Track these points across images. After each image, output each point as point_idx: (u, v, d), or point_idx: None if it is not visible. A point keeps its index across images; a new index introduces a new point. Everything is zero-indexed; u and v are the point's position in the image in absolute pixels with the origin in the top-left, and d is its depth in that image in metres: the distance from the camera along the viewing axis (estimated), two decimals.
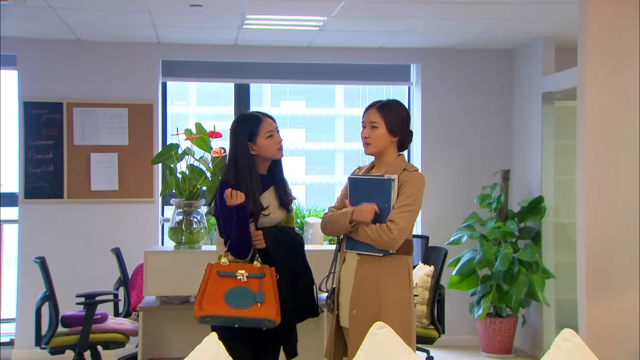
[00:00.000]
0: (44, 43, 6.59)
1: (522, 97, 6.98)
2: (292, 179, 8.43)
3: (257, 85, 7.56)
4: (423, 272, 5.21)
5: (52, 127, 6.58)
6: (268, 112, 3.73)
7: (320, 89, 7.89)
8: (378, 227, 3.28)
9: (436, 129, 7.07)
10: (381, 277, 3.32)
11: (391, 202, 3.30)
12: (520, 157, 6.98)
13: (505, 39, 6.71)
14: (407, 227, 3.30)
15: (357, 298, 3.35)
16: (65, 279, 6.24)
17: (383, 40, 6.70)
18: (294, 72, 7.13)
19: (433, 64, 7.07)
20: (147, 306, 4.55)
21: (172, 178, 4.57)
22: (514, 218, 6.54)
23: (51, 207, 6.59)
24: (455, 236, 6.57)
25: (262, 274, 3.39)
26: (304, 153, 8.62)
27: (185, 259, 4.52)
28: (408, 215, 3.29)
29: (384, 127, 3.39)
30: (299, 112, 8.53)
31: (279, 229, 3.54)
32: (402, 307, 3.32)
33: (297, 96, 8.48)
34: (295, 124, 8.55)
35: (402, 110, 3.45)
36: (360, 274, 3.36)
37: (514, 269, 6.29)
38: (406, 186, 3.32)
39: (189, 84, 7.76)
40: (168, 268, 4.51)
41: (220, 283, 3.38)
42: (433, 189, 6.97)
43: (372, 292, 3.32)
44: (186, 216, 4.57)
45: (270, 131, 3.54)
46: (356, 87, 7.60)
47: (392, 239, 3.26)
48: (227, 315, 3.34)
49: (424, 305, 5.15)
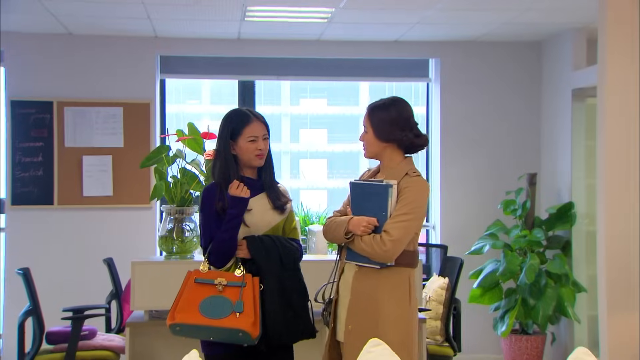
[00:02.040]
0: (32, 37, 6.58)
1: (550, 93, 6.90)
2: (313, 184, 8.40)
3: (275, 82, 7.52)
4: (437, 285, 5.15)
5: (41, 128, 6.57)
6: (287, 111, 3.66)
7: (343, 86, 7.81)
8: (372, 238, 3.27)
9: (456, 129, 7.01)
10: (378, 291, 3.30)
11: (388, 210, 3.28)
12: (548, 160, 6.90)
13: (532, 31, 6.63)
14: (402, 238, 3.26)
15: (353, 312, 3.34)
16: (54, 292, 6.23)
17: (398, 33, 6.63)
18: (303, 68, 7.08)
19: (453, 58, 7.01)
20: (134, 321, 4.50)
21: (161, 183, 4.51)
22: (541, 226, 6.47)
23: (40, 214, 6.58)
24: (477, 245, 6.51)
25: (242, 283, 3.33)
26: (326, 155, 8.54)
27: (176, 270, 4.39)
28: (404, 225, 3.25)
29: (371, 132, 3.41)
30: (320, 111, 8.44)
31: (271, 237, 3.47)
32: (401, 327, 3.28)
33: (319, 94, 8.40)
34: (317, 124, 8.47)
35: (392, 112, 3.39)
36: (356, 287, 3.35)
37: (541, 282, 6.22)
38: (405, 193, 3.29)
39: (202, 81, 7.72)
40: (157, 280, 4.46)
41: (197, 291, 3.35)
42: (452, 195, 6.94)
43: (369, 308, 3.30)
44: (177, 224, 4.53)
45: (254, 136, 3.49)
46: (382, 84, 7.54)
47: (384, 251, 3.24)
48: (199, 324, 3.30)
49: (437, 320, 5.10)
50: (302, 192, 7.94)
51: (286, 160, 7.93)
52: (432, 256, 7.07)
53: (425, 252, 7.19)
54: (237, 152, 3.50)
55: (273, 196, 3.54)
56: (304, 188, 7.93)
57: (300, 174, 7.98)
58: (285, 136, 7.94)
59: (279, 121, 7.91)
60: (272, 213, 3.53)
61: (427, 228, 7.17)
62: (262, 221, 3.50)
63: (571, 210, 6.38)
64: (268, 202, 3.53)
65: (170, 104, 7.28)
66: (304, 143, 7.93)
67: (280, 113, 7.93)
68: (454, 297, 5.15)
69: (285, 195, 3.62)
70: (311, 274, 4.25)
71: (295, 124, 8.10)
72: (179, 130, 4.62)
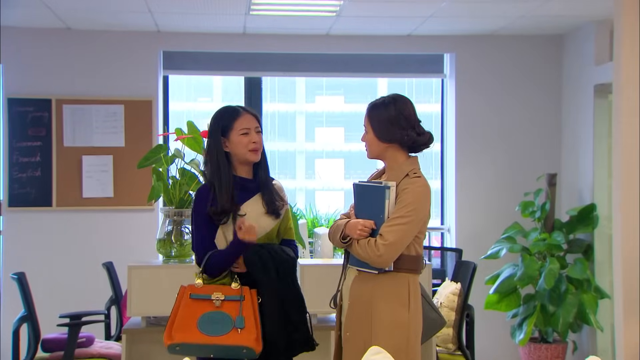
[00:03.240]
0: (29, 32, 6.59)
1: (571, 90, 6.85)
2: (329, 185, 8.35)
3: (289, 79, 7.49)
4: (449, 290, 5.11)
5: (39, 127, 6.57)
6: (302, 109, 3.65)
7: (361, 82, 7.78)
8: (366, 243, 3.26)
9: (472, 127, 6.98)
10: (374, 297, 3.29)
11: (385, 213, 3.26)
12: (568, 159, 6.86)
13: (552, 24, 6.58)
14: (397, 242, 3.23)
15: (351, 319, 3.35)
16: (52, 297, 6.24)
17: (411, 27, 6.60)
18: (312, 63, 7.06)
19: (469, 53, 6.99)
20: (131, 328, 4.47)
21: (159, 184, 4.50)
22: (561, 229, 6.44)
23: (38, 216, 6.58)
24: (493, 249, 6.48)
25: (240, 297, 3.30)
26: (343, 155, 8.51)
27: (175, 274, 4.42)
28: (400, 229, 3.23)
29: (371, 132, 3.41)
30: (337, 108, 8.41)
31: (267, 248, 3.43)
32: (397, 332, 3.26)
33: (335, 91, 8.37)
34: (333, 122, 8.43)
35: (392, 110, 3.37)
36: (354, 292, 3.35)
37: (561, 288, 6.19)
38: (403, 195, 3.28)
39: (213, 78, 7.70)
40: (155, 285, 4.42)
41: (193, 307, 3.32)
42: (468, 196, 6.92)
43: (365, 313, 3.30)
44: (176, 226, 4.51)
45: (246, 128, 3.47)
46: (401, 80, 7.53)
47: (378, 256, 3.22)
48: (200, 343, 3.27)
49: (449, 328, 5.05)
50: (318, 193, 7.90)
51: (301, 160, 7.89)
52: (447, 260, 7.03)
53: (440, 257, 7.16)
54: (230, 148, 3.47)
55: (267, 199, 3.51)
56: (320, 189, 7.90)
57: (315, 174, 7.93)
58: (300, 135, 7.90)
59: (294, 119, 7.88)
60: (266, 218, 3.50)
61: (442, 231, 7.15)
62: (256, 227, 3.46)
63: (593, 213, 6.32)
64: (262, 205, 3.50)
65: (180, 101, 7.27)
66: (319, 142, 7.90)
67: (294, 111, 7.91)
68: (466, 304, 5.11)
69: (280, 194, 3.58)
70: (316, 279, 4.26)
71: (311, 122, 8.05)
72: (178, 129, 4.60)
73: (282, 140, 8.30)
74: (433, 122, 7.21)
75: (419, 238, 3.35)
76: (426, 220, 3.37)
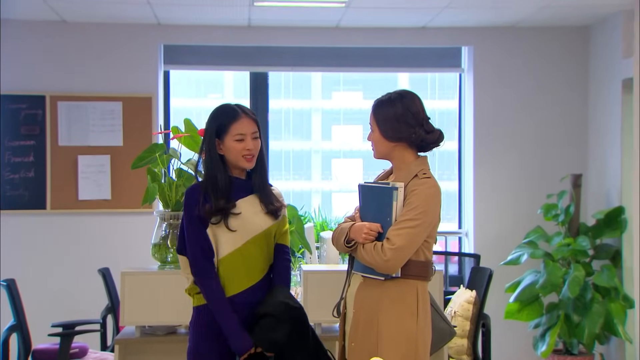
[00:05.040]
0: (21, 25, 6.60)
1: (598, 84, 6.83)
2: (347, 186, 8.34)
3: (304, 74, 7.52)
4: (463, 299, 5.09)
5: (32, 125, 6.59)
6: (317, 105, 3.63)
7: (380, 77, 7.77)
8: (372, 247, 3.25)
9: (492, 125, 6.99)
10: (381, 305, 3.28)
11: (393, 215, 3.25)
12: (595, 159, 6.84)
13: (577, 14, 6.57)
14: (406, 247, 3.21)
15: (356, 328, 3.34)
16: (45, 305, 6.27)
17: (425, 19, 6.59)
18: (321, 57, 7.08)
19: (488, 46, 6.99)
20: (124, 338, 4.43)
21: (154, 185, 4.47)
22: (587, 233, 6.42)
23: (31, 219, 6.60)
24: (514, 255, 6.46)
25: None
26: (361, 155, 8.47)
27: (170, 281, 4.39)
28: (408, 232, 3.21)
29: (377, 131, 3.39)
30: (355, 105, 8.37)
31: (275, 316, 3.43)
32: (404, 343, 3.24)
33: (353, 86, 8.34)
34: (350, 120, 8.40)
35: (398, 107, 3.36)
36: (359, 300, 3.35)
37: (587, 296, 6.17)
38: (411, 197, 3.26)
39: (224, 73, 7.72)
40: (150, 292, 4.39)
41: None
42: (487, 198, 6.91)
43: (371, 322, 3.29)
44: (172, 230, 4.47)
45: (242, 134, 3.45)
46: (424, 76, 7.54)
47: (385, 261, 3.20)
48: None
49: (464, 338, 5.05)
50: (334, 195, 7.90)
51: (317, 160, 7.89)
52: (464, 266, 6.99)
53: (457, 263, 7.12)
54: (223, 152, 3.48)
55: (265, 200, 3.51)
56: (336, 191, 7.90)
57: (332, 175, 7.93)
58: (316, 133, 7.89)
59: (309, 117, 7.87)
60: (264, 216, 3.50)
61: (460, 235, 7.13)
62: (252, 224, 3.46)
63: (621, 216, 6.30)
64: (260, 204, 3.50)
65: (189, 98, 7.26)
66: (336, 141, 7.89)
67: (310, 108, 7.89)
68: (482, 313, 5.10)
69: (279, 199, 3.58)
70: (320, 286, 4.22)
71: (327, 119, 8.05)
72: (174, 127, 4.58)
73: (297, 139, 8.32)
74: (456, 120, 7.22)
75: (428, 243, 3.33)
76: (436, 223, 3.35)
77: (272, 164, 7.29)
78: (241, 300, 3.42)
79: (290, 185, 7.57)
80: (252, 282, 3.46)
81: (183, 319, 4.39)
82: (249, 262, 3.45)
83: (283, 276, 3.56)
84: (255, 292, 3.46)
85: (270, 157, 7.18)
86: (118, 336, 4.51)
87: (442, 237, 7.10)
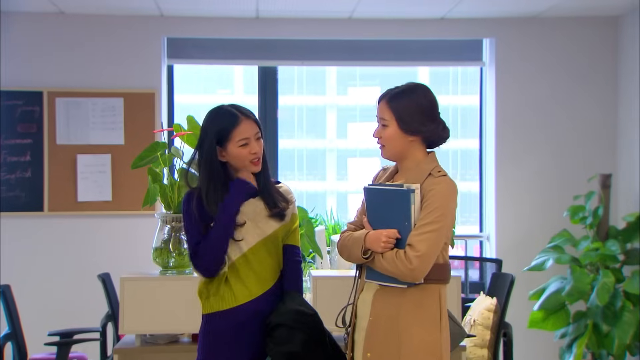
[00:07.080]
0: (19, 17, 6.63)
1: (628, 79, 6.82)
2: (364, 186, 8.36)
3: (318, 68, 7.54)
4: (483, 306, 5.08)
5: (29, 122, 6.63)
6: (332, 102, 3.62)
7: (399, 72, 7.79)
8: (394, 256, 3.19)
9: (515, 122, 6.99)
10: (401, 312, 3.23)
11: (412, 220, 3.20)
12: (625, 158, 6.84)
13: (606, 4, 6.58)
14: (431, 252, 3.18)
15: (373, 337, 3.28)
16: (42, 313, 6.30)
17: (444, 9, 6.60)
18: (333, 51, 7.10)
19: (511, 38, 7.01)
20: (124, 347, 4.44)
21: (155, 186, 4.47)
22: (616, 237, 6.41)
23: (28, 221, 6.63)
24: (538, 260, 6.45)
25: None
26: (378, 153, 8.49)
27: (172, 287, 4.43)
28: (431, 236, 3.17)
29: (395, 124, 3.32)
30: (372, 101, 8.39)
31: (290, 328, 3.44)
32: (427, 355, 3.21)
33: (370, 81, 8.35)
34: (367, 117, 8.39)
35: (420, 98, 3.32)
36: (377, 307, 3.29)
37: (617, 304, 6.16)
38: (429, 198, 3.21)
39: (234, 68, 7.73)
40: (151, 299, 4.42)
41: None
42: (510, 199, 6.93)
43: (391, 331, 3.24)
44: (175, 233, 4.49)
45: (246, 139, 3.43)
46: (445, 70, 7.56)
47: (411, 270, 3.16)
48: None
49: (484, 348, 5.03)
50: (350, 196, 7.91)
51: (332, 159, 7.90)
52: (486, 272, 6.97)
53: (479, 268, 7.10)
54: (227, 159, 3.47)
55: (270, 201, 3.51)
56: (352, 191, 7.90)
57: (348, 175, 7.94)
58: (331, 131, 7.89)
59: (324, 114, 7.88)
60: (268, 220, 3.50)
61: (481, 239, 7.12)
62: (256, 229, 3.47)
63: None
64: (264, 208, 3.50)
65: (197, 94, 7.28)
66: (352, 139, 7.90)
67: (324, 104, 7.90)
68: (503, 321, 5.08)
69: (287, 197, 3.57)
70: (330, 293, 4.21)
71: (343, 116, 8.06)
72: (176, 125, 4.58)
73: (311, 137, 8.33)
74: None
75: (445, 244, 3.31)
76: (453, 223, 3.34)
77: (284, 163, 7.30)
78: (254, 308, 3.43)
79: (303, 186, 7.57)
80: (264, 288, 3.47)
81: (186, 327, 4.40)
82: (257, 268, 3.46)
83: (293, 280, 3.56)
84: (268, 299, 3.47)
85: (282, 156, 7.20)
86: (117, 345, 4.52)
87: (462, 240, 7.10)
